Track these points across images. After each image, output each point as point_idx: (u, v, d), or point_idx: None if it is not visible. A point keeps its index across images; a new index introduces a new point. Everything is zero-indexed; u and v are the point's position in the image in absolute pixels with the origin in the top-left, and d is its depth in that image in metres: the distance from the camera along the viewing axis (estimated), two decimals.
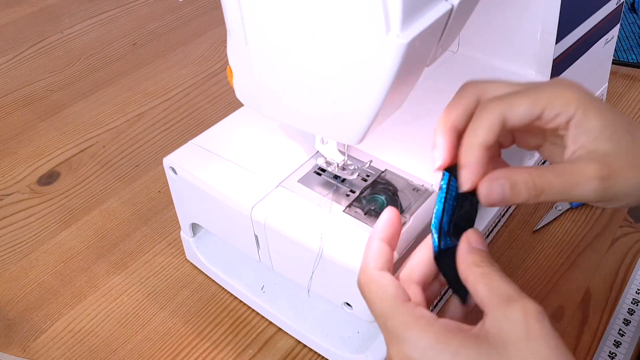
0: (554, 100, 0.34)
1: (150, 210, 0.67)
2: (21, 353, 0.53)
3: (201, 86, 0.86)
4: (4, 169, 0.74)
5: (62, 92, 0.86)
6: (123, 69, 0.90)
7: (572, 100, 0.34)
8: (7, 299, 0.58)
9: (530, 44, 0.58)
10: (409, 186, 0.48)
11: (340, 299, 0.46)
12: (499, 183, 0.34)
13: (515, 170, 0.34)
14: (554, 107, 0.34)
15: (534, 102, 0.35)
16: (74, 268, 0.61)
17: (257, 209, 0.47)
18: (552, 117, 0.35)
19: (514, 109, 0.35)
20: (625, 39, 0.87)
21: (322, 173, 0.49)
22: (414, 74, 0.41)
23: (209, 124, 0.58)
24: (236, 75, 0.45)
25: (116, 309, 0.57)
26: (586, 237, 0.60)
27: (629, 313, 0.53)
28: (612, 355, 0.50)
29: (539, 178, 0.33)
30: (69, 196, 0.69)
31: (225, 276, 0.57)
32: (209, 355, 0.53)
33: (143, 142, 0.77)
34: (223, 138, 0.54)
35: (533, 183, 0.33)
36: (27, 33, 1.00)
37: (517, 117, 0.35)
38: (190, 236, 0.58)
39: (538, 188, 0.33)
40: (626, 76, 0.81)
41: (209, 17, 1.03)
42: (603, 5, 0.64)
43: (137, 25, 1.02)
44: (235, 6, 0.39)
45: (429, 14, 0.36)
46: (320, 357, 0.52)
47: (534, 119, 0.35)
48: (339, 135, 0.43)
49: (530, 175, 0.34)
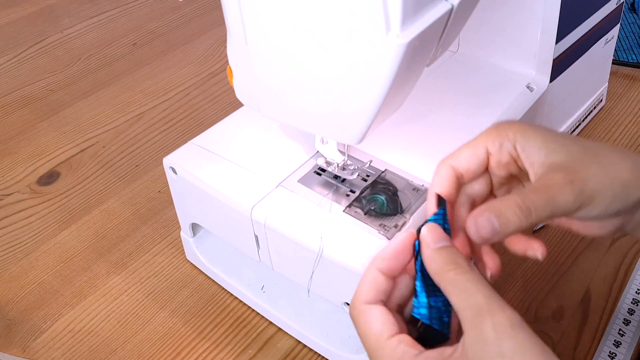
0: (489, 135, 0.37)
1: (150, 210, 0.67)
2: (21, 353, 0.53)
3: (201, 86, 0.86)
4: (4, 169, 0.74)
5: (62, 92, 0.86)
6: (123, 69, 0.90)
7: (506, 128, 0.36)
8: (7, 299, 0.58)
9: (530, 44, 0.58)
10: (409, 186, 0.48)
11: (340, 299, 0.46)
12: (485, 217, 0.33)
13: (497, 200, 0.34)
14: (492, 140, 0.37)
15: (473, 144, 0.37)
16: (74, 268, 0.61)
17: (257, 209, 0.47)
18: (498, 149, 0.36)
19: (458, 158, 0.37)
20: (625, 39, 0.87)
21: (322, 173, 0.49)
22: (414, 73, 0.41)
23: (209, 124, 0.58)
24: (236, 75, 0.45)
25: (116, 309, 0.57)
26: (586, 237, 0.60)
27: (629, 313, 0.53)
28: (612, 355, 0.50)
29: (522, 200, 0.33)
30: (69, 196, 0.69)
31: (225, 276, 0.57)
32: (209, 355, 0.53)
33: (143, 142, 0.77)
34: (223, 138, 0.54)
35: (517, 206, 0.33)
36: (27, 33, 1.00)
37: (464, 162, 0.37)
38: (190, 236, 0.58)
39: (525, 209, 0.33)
40: (626, 76, 0.81)
41: (209, 17, 1.03)
42: (603, 5, 0.64)
43: (137, 25, 1.02)
44: (235, 6, 0.39)
45: (429, 14, 0.36)
46: (320, 357, 0.52)
47: (482, 160, 0.37)
48: (339, 135, 0.43)
49: (513, 199, 0.34)
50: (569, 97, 0.66)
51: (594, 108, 0.74)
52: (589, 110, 0.73)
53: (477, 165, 0.37)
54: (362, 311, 0.35)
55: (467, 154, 0.37)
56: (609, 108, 0.76)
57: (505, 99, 0.57)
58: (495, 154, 0.37)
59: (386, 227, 0.44)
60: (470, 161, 0.37)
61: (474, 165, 0.37)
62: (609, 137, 0.71)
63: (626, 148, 0.70)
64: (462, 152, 0.37)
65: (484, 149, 0.37)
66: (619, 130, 0.73)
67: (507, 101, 0.57)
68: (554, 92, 0.61)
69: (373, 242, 0.43)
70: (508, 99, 0.57)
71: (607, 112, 0.76)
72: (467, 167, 0.37)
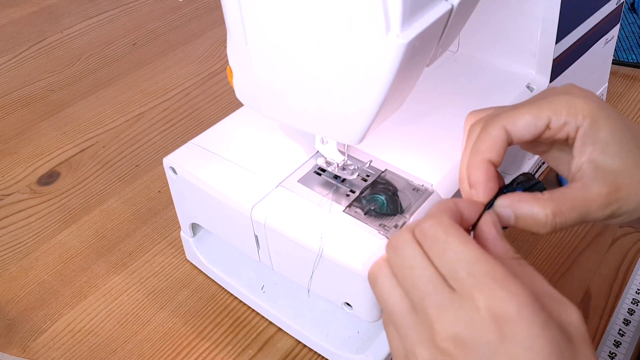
0: (559, 108, 0.33)
1: (150, 210, 0.67)
2: (21, 353, 0.53)
3: (201, 86, 0.86)
4: (4, 169, 0.74)
5: (62, 92, 0.86)
6: (123, 69, 0.90)
7: (580, 109, 0.33)
8: (7, 299, 0.58)
9: (530, 44, 0.58)
10: (409, 186, 0.48)
11: (340, 299, 0.46)
12: (506, 212, 0.32)
13: (528, 202, 0.33)
14: (560, 115, 0.33)
15: (537, 113, 0.33)
16: (74, 268, 0.61)
17: (257, 209, 0.47)
18: (560, 126, 0.33)
19: (516, 122, 0.33)
20: (625, 39, 0.87)
21: (322, 173, 0.49)
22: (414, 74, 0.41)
23: (209, 124, 0.58)
24: (236, 75, 0.45)
25: (116, 309, 0.57)
26: (586, 237, 0.60)
27: (629, 313, 0.53)
28: (612, 355, 0.50)
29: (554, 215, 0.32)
30: (69, 196, 0.69)
31: (225, 276, 0.57)
32: (209, 355, 0.53)
33: (143, 142, 0.77)
34: (223, 138, 0.53)
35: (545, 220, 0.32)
36: (27, 33, 1.00)
37: (521, 130, 0.33)
38: (190, 236, 0.58)
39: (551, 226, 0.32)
40: (626, 76, 0.81)
41: (209, 17, 1.03)
42: (603, 5, 0.64)
43: (137, 25, 1.02)
44: (235, 6, 0.39)
45: (429, 14, 0.36)
46: (320, 357, 0.52)
47: (540, 130, 0.34)
48: (339, 135, 0.43)
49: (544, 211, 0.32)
50: None
51: None
52: None
53: (532, 135, 0.34)
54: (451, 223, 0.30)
55: (527, 121, 0.33)
56: None
57: (505, 99, 0.57)
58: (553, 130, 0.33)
59: (386, 227, 0.44)
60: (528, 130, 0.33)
61: (528, 135, 0.33)
62: None
63: None
64: (522, 118, 0.33)
65: (547, 121, 0.33)
66: None
67: (507, 101, 0.57)
68: None
69: (373, 242, 0.43)
70: (508, 99, 0.57)
71: None
72: (521, 136, 0.33)
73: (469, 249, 0.29)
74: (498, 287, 0.28)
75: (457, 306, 0.28)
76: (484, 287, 0.28)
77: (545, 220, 0.32)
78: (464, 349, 0.28)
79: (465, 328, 0.28)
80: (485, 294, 0.28)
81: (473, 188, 0.34)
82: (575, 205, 0.32)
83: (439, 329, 0.28)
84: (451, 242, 0.29)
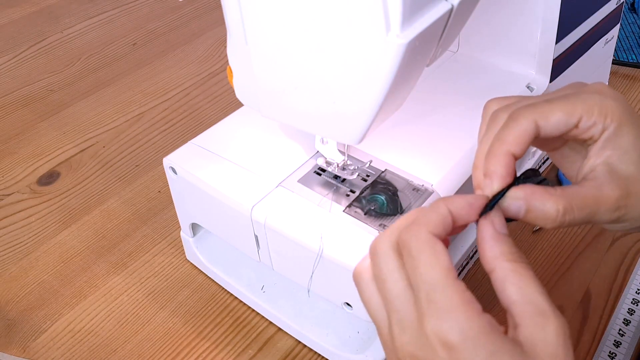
0: (592, 108, 0.33)
1: (150, 210, 0.67)
2: (21, 353, 0.53)
3: (201, 86, 0.86)
4: (4, 169, 0.74)
5: (62, 92, 0.86)
6: (123, 69, 0.90)
7: (610, 111, 0.33)
8: (7, 299, 0.58)
9: (530, 44, 0.58)
10: (409, 186, 0.48)
11: (340, 299, 0.46)
12: (516, 205, 0.32)
13: (540, 196, 0.32)
14: (591, 116, 0.33)
15: (570, 110, 0.33)
16: (74, 268, 0.61)
17: (257, 209, 0.47)
18: (589, 126, 0.33)
19: (548, 118, 0.33)
20: (625, 39, 0.87)
21: (322, 173, 0.49)
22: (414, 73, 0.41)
23: (209, 124, 0.58)
24: (236, 75, 0.45)
25: (116, 309, 0.57)
26: (586, 237, 0.60)
27: (629, 313, 0.53)
28: (612, 355, 0.50)
29: (564, 212, 0.31)
30: (69, 196, 0.69)
31: (225, 276, 0.57)
32: (209, 355, 0.53)
33: (143, 142, 0.77)
34: (223, 138, 0.53)
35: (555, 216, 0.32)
36: (27, 33, 1.00)
37: (552, 126, 0.33)
38: (190, 236, 0.58)
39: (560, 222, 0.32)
40: (626, 76, 0.81)
41: (209, 17, 1.03)
42: (603, 5, 0.64)
43: (137, 25, 1.02)
44: (235, 6, 0.39)
45: (429, 14, 0.36)
46: (320, 357, 0.52)
47: (570, 128, 0.33)
48: (339, 135, 0.43)
49: (555, 207, 0.31)
50: None
51: None
52: None
53: (560, 132, 0.33)
54: (429, 240, 0.30)
55: (559, 118, 0.32)
56: None
57: None
58: (580, 129, 0.33)
59: (386, 227, 0.44)
60: (558, 127, 0.33)
61: (557, 132, 0.33)
62: None
63: None
64: (554, 114, 0.32)
65: (578, 118, 0.33)
66: None
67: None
68: None
69: None
70: None
71: None
72: (550, 131, 0.33)
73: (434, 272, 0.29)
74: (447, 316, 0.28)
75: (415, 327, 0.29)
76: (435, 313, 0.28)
77: (555, 216, 0.32)
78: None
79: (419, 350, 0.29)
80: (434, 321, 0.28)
81: (488, 178, 0.33)
82: (586, 204, 0.32)
83: (399, 346, 0.30)
84: (421, 261, 0.29)
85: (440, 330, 0.28)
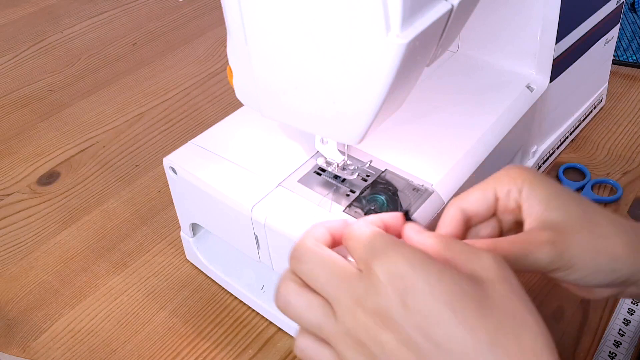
0: (500, 179, 0.38)
1: (150, 210, 0.67)
2: (21, 353, 0.53)
3: (201, 86, 0.86)
4: (4, 169, 0.74)
5: (62, 92, 0.86)
6: (123, 69, 0.90)
7: (517, 175, 0.37)
8: (7, 299, 0.58)
9: (530, 44, 0.58)
10: (409, 186, 0.48)
11: None
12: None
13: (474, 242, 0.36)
14: (502, 185, 0.37)
15: (483, 187, 0.38)
16: (74, 268, 0.61)
17: (257, 209, 0.47)
18: (506, 194, 0.37)
19: (468, 198, 0.38)
20: (625, 39, 0.87)
21: (322, 173, 0.49)
22: (414, 73, 0.41)
23: (209, 124, 0.58)
24: (236, 75, 0.45)
25: (116, 309, 0.57)
26: None
27: (629, 313, 0.53)
28: (612, 355, 0.50)
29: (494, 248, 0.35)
30: (69, 196, 0.69)
31: (225, 276, 0.57)
32: (209, 355, 0.53)
33: (143, 142, 0.77)
34: (223, 138, 0.54)
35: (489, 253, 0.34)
36: (27, 33, 1.00)
37: (473, 204, 0.38)
38: (190, 236, 0.58)
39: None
40: (626, 76, 0.81)
41: (209, 17, 1.03)
42: (603, 5, 0.64)
43: (137, 25, 1.02)
44: (235, 6, 0.39)
45: (429, 14, 0.36)
46: None
47: (491, 202, 0.38)
48: (339, 135, 0.43)
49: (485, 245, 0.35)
50: (569, 97, 0.66)
51: (594, 108, 0.74)
52: (589, 110, 0.73)
53: (485, 208, 0.38)
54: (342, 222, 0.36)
55: (477, 197, 0.38)
56: (609, 108, 0.76)
57: (505, 99, 0.57)
58: (502, 199, 0.38)
59: None
60: (480, 204, 0.38)
61: (482, 209, 0.38)
62: (609, 137, 0.71)
63: (626, 148, 0.70)
64: (472, 195, 0.38)
65: (493, 192, 0.38)
66: (619, 130, 0.73)
67: (507, 101, 0.57)
68: (554, 92, 0.61)
69: None
70: (508, 99, 0.57)
71: (607, 112, 0.76)
72: (476, 210, 0.38)
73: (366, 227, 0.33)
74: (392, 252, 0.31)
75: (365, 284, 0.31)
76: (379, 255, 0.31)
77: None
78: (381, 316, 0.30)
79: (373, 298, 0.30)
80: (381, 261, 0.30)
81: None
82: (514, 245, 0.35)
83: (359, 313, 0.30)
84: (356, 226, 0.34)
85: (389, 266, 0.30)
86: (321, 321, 0.32)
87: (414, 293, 0.29)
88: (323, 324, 0.32)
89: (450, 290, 0.29)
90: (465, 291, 0.29)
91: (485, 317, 0.29)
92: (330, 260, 0.33)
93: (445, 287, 0.29)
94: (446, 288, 0.29)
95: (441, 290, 0.29)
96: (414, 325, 0.29)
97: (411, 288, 0.29)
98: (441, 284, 0.29)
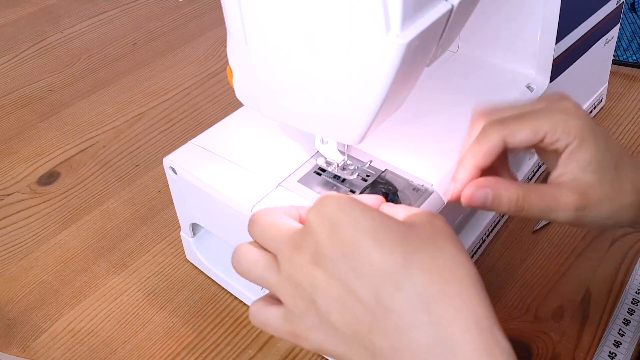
0: (556, 127, 0.37)
1: (150, 210, 0.67)
2: (21, 353, 0.53)
3: (201, 86, 0.86)
4: (4, 169, 0.74)
5: (62, 92, 0.86)
6: (123, 69, 0.90)
7: (572, 130, 0.37)
8: (7, 299, 0.58)
9: (530, 44, 0.58)
10: (409, 186, 0.48)
11: None
12: (484, 192, 0.37)
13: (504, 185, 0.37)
14: (555, 134, 0.37)
15: (536, 129, 0.37)
16: (74, 268, 0.61)
17: (257, 209, 0.47)
18: (553, 142, 0.37)
19: (515, 135, 0.37)
20: (625, 39, 0.87)
21: (322, 173, 0.49)
22: (414, 74, 0.41)
23: (209, 124, 0.58)
24: (236, 75, 0.45)
25: (116, 309, 0.57)
26: (586, 237, 0.60)
27: (629, 313, 0.53)
28: (612, 355, 0.50)
29: (523, 198, 0.36)
30: (69, 196, 0.69)
31: (225, 276, 0.57)
32: (209, 355, 0.53)
33: (143, 142, 0.77)
34: (223, 138, 0.54)
35: (516, 201, 0.36)
36: (27, 33, 1.00)
37: (518, 142, 0.37)
38: (190, 236, 0.58)
39: (519, 206, 0.36)
40: (626, 76, 0.81)
41: (209, 17, 1.03)
42: (603, 5, 0.64)
43: (137, 25, 1.02)
44: (235, 6, 0.39)
45: (429, 14, 0.36)
46: (320, 357, 0.52)
47: (535, 143, 0.37)
48: (339, 135, 0.43)
49: (516, 193, 0.36)
50: None
51: (594, 108, 0.74)
52: (589, 110, 0.73)
53: (526, 146, 0.37)
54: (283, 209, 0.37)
55: (526, 135, 0.37)
56: (609, 108, 0.76)
57: (505, 99, 0.57)
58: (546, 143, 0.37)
59: None
60: (525, 142, 0.37)
61: (524, 145, 0.37)
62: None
63: (626, 148, 0.70)
64: (522, 131, 0.37)
65: (544, 135, 0.37)
66: (619, 130, 0.73)
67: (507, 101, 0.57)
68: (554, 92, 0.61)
69: None
70: (508, 99, 0.57)
71: (607, 112, 0.76)
72: (517, 146, 0.37)
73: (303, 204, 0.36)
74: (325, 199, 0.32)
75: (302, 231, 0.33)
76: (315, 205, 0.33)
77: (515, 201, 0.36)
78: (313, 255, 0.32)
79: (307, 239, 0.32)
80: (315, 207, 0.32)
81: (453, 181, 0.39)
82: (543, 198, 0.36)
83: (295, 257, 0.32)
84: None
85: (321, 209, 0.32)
86: (266, 273, 0.34)
87: (339, 227, 0.31)
88: (268, 276, 0.34)
89: (373, 223, 0.31)
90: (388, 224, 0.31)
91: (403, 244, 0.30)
92: (279, 221, 0.35)
93: (369, 220, 0.31)
94: (370, 222, 0.31)
95: (364, 223, 0.31)
96: (340, 256, 0.30)
97: (337, 224, 0.31)
98: (365, 217, 0.31)
